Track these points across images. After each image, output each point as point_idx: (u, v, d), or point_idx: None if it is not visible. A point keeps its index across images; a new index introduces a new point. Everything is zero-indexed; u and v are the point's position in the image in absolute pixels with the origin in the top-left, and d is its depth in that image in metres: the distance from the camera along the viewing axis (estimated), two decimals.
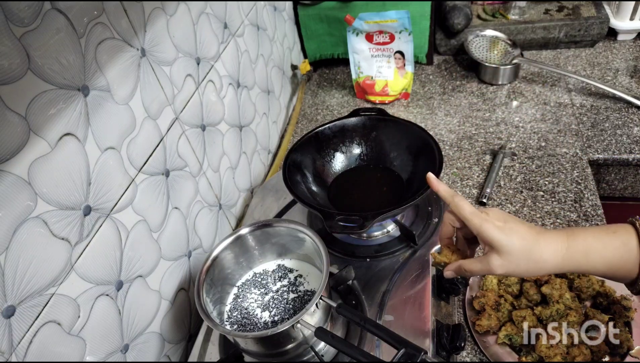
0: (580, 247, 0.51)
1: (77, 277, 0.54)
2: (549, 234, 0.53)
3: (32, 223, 0.48)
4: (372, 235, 0.80)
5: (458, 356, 0.72)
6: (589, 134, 1.04)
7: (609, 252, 0.50)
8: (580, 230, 0.53)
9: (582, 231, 0.52)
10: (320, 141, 0.87)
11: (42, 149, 0.49)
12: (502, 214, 0.54)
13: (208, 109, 0.84)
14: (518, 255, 0.51)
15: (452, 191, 0.58)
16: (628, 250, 0.50)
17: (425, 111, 1.20)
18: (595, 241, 0.51)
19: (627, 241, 0.50)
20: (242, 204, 1.00)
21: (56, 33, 0.50)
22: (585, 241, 0.51)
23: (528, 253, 0.51)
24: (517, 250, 0.51)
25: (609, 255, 0.50)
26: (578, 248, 0.51)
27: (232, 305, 0.70)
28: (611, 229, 0.51)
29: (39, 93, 0.48)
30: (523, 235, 0.51)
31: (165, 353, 0.73)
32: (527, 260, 0.51)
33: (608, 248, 0.50)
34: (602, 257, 0.51)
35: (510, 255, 0.51)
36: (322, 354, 0.64)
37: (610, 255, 0.50)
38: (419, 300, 0.69)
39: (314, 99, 1.33)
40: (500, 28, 1.28)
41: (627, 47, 1.28)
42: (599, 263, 0.51)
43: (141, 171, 0.66)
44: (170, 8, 0.72)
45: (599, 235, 0.51)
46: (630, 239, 0.50)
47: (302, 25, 1.33)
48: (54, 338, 0.51)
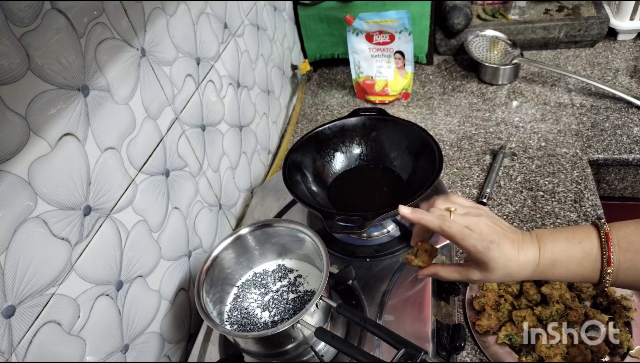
0: (548, 261, 0.54)
1: (77, 277, 0.54)
2: (526, 248, 0.54)
3: (32, 223, 0.48)
4: (372, 235, 0.80)
5: (458, 356, 0.72)
6: (589, 134, 1.04)
7: (572, 265, 0.54)
8: (551, 239, 0.55)
9: (552, 241, 0.54)
10: (320, 141, 0.87)
11: (42, 149, 0.49)
12: (491, 230, 0.54)
13: (208, 109, 0.84)
14: (499, 272, 0.54)
15: (437, 220, 0.56)
16: (591, 261, 0.53)
17: (425, 111, 1.20)
18: (561, 255, 0.54)
19: (589, 252, 0.53)
20: (242, 204, 1.00)
21: (56, 33, 0.50)
22: (553, 255, 0.54)
23: (507, 272, 0.54)
24: (499, 269, 0.54)
25: (572, 267, 0.54)
26: (546, 262, 0.54)
27: (232, 305, 0.70)
28: (577, 239, 0.54)
29: (39, 93, 0.48)
30: (508, 257, 0.53)
31: (165, 353, 0.73)
32: (504, 277, 0.55)
33: (572, 261, 0.54)
34: (566, 269, 0.54)
35: (491, 272, 0.54)
36: (322, 354, 0.64)
37: (574, 266, 0.54)
38: (419, 300, 0.69)
39: (314, 99, 1.33)
40: (500, 28, 1.28)
41: (627, 47, 1.28)
42: (563, 274, 0.54)
43: (141, 171, 0.66)
44: (170, 8, 0.72)
45: (564, 245, 0.54)
46: (592, 248, 0.53)
47: (302, 25, 1.33)
48: (54, 338, 0.51)
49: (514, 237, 0.55)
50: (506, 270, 0.54)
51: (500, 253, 0.53)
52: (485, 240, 0.53)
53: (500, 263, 0.53)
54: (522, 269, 0.54)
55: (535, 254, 0.54)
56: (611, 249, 0.51)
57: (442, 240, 0.77)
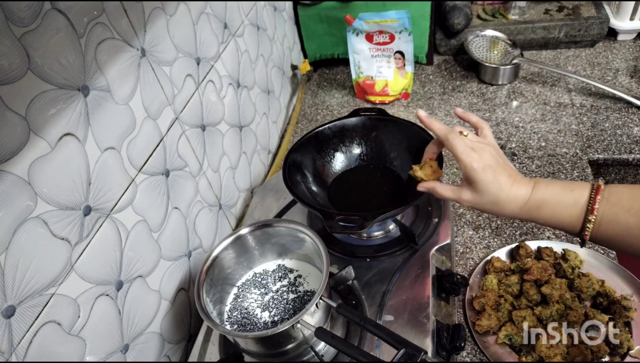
0: (537, 201, 0.56)
1: (77, 277, 0.54)
2: (520, 184, 0.57)
3: (32, 223, 0.48)
4: (372, 235, 0.80)
5: (458, 356, 0.72)
6: (589, 134, 1.04)
7: (559, 208, 0.55)
8: (546, 183, 0.57)
9: (546, 184, 0.57)
10: (320, 141, 0.87)
11: (42, 149, 0.49)
12: (493, 159, 0.57)
13: (208, 109, 0.84)
14: (488, 197, 0.57)
15: (446, 129, 0.60)
16: (577, 208, 0.54)
17: (425, 111, 1.20)
18: (551, 197, 0.56)
19: (578, 200, 0.54)
20: (242, 204, 1.00)
21: (56, 33, 0.50)
22: (543, 196, 0.56)
23: (496, 199, 0.57)
24: (489, 194, 0.57)
25: (558, 211, 0.55)
26: (535, 202, 0.56)
27: (232, 305, 0.70)
28: (570, 187, 0.56)
29: (39, 93, 0.48)
30: (501, 185, 0.57)
31: (165, 353, 0.73)
32: (492, 204, 0.58)
33: (559, 204, 0.55)
34: (552, 212, 0.56)
35: (481, 195, 0.57)
36: (322, 354, 0.64)
37: (559, 211, 0.55)
38: (419, 300, 0.69)
39: (314, 99, 1.33)
40: (500, 28, 1.28)
41: (627, 47, 1.28)
42: (548, 216, 0.56)
43: (141, 171, 0.66)
44: (170, 8, 0.72)
45: (557, 191, 0.56)
46: (581, 198, 0.54)
47: (302, 25, 1.33)
48: (54, 338, 0.51)
49: (511, 172, 0.58)
50: (495, 198, 0.57)
51: (494, 178, 0.56)
52: (483, 162, 0.56)
53: (491, 188, 0.56)
54: (511, 202, 0.56)
55: (527, 191, 0.56)
56: (597, 200, 0.53)
57: (442, 239, 0.77)
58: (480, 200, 0.58)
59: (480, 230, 0.89)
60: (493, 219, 0.91)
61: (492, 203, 0.57)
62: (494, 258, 0.81)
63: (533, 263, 0.77)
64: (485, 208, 0.59)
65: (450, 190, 0.61)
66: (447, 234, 0.78)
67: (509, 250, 0.84)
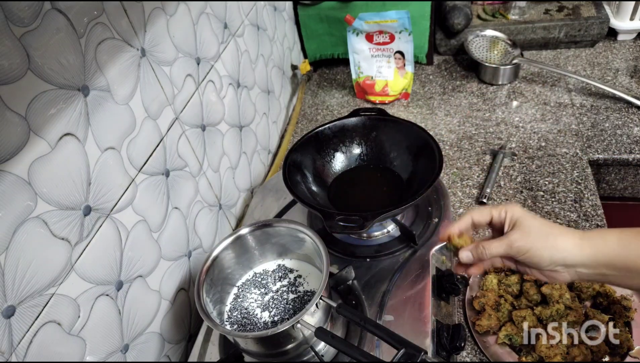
0: (596, 237, 0.52)
1: (77, 277, 0.54)
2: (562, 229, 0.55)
3: (32, 223, 0.48)
4: (372, 234, 0.80)
5: (458, 356, 0.72)
6: (589, 134, 1.04)
7: (624, 245, 0.51)
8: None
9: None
10: (320, 141, 0.87)
11: (42, 149, 0.49)
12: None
13: (208, 109, 0.84)
14: (537, 232, 0.54)
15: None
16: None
17: (425, 111, 1.20)
18: (612, 237, 0.52)
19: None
20: (242, 204, 1.00)
21: (56, 33, 0.50)
22: (601, 235, 0.53)
23: (546, 233, 0.53)
24: (536, 228, 0.54)
25: (624, 250, 0.51)
26: (592, 239, 0.52)
27: (232, 305, 0.70)
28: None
29: (39, 93, 0.48)
30: (541, 221, 0.55)
31: (165, 353, 0.73)
32: (544, 239, 0.53)
33: (624, 242, 0.51)
34: (621, 248, 0.51)
35: (529, 232, 0.54)
36: (322, 354, 0.64)
37: (627, 252, 0.50)
38: (419, 300, 0.69)
39: (314, 99, 1.33)
40: (500, 28, 1.28)
41: (627, 47, 1.28)
42: (616, 257, 0.51)
43: (141, 171, 0.66)
44: (170, 8, 0.72)
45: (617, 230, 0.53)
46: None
47: (302, 25, 1.33)
48: (54, 338, 0.51)
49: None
50: (544, 233, 0.54)
51: (536, 219, 0.55)
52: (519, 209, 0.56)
53: (536, 224, 0.54)
54: (560, 238, 0.53)
55: (575, 232, 0.54)
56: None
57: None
58: (530, 237, 0.54)
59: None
60: None
61: (544, 237, 0.53)
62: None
63: None
64: (537, 245, 0.53)
65: (497, 240, 0.56)
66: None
67: None
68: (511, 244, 0.54)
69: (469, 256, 0.58)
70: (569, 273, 0.54)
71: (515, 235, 0.54)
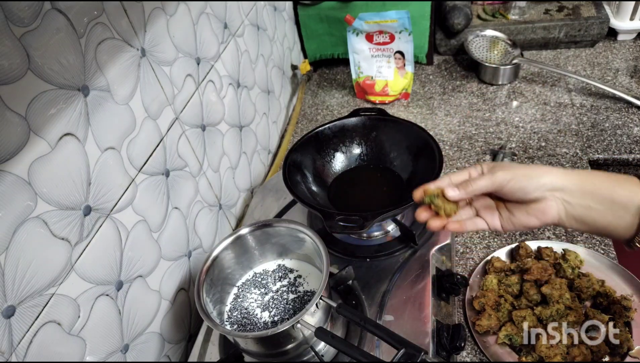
0: (581, 170, 0.53)
1: (77, 277, 0.54)
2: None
3: (32, 223, 0.48)
4: (372, 235, 0.80)
5: (458, 356, 0.72)
6: (589, 134, 1.04)
7: (609, 178, 0.51)
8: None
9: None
10: (320, 141, 0.87)
11: (42, 149, 0.49)
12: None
13: (208, 109, 0.84)
14: (518, 166, 0.54)
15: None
16: (633, 189, 0.49)
17: (425, 111, 1.20)
18: (597, 172, 0.53)
19: (634, 182, 0.50)
20: (242, 204, 1.00)
21: (56, 33, 0.50)
22: (586, 170, 0.54)
23: (528, 165, 0.54)
24: (515, 164, 0.56)
25: (611, 183, 0.50)
26: (577, 171, 0.53)
27: (232, 305, 0.70)
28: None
29: (39, 93, 0.48)
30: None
31: (165, 353, 0.73)
32: (527, 168, 0.53)
33: (609, 176, 0.51)
34: (606, 179, 0.51)
35: (510, 166, 0.54)
36: (322, 354, 0.64)
37: (612, 183, 0.51)
38: (419, 300, 0.69)
39: (314, 99, 1.33)
40: (500, 28, 1.28)
41: (627, 47, 1.28)
42: (601, 185, 0.51)
43: (141, 171, 0.66)
44: (170, 8, 0.72)
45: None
46: (636, 182, 0.49)
47: (302, 25, 1.33)
48: (54, 338, 0.51)
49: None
50: (527, 166, 0.54)
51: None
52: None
53: (519, 165, 0.54)
54: (543, 167, 0.53)
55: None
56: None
57: (442, 239, 0.77)
58: (513, 169, 0.53)
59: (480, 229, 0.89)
60: None
61: (526, 167, 0.53)
62: (494, 258, 0.81)
63: (533, 263, 0.77)
64: (520, 171, 0.52)
65: (482, 177, 0.54)
66: (447, 234, 0.78)
67: (509, 250, 0.84)
68: (494, 174, 0.53)
69: (455, 190, 0.55)
70: (556, 202, 0.52)
71: (497, 169, 0.54)
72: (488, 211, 0.57)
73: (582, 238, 0.85)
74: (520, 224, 0.55)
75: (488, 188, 0.54)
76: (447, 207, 0.55)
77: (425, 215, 0.57)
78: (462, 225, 0.57)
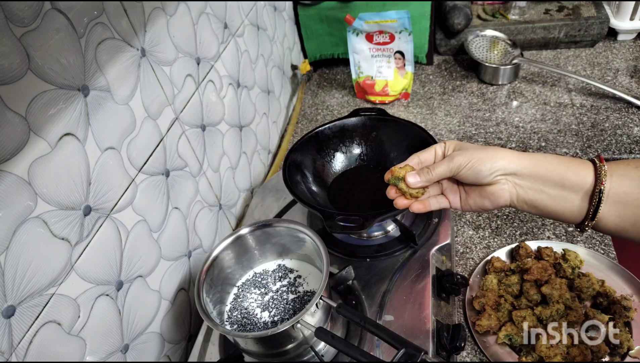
0: (536, 154, 0.53)
1: (77, 277, 0.54)
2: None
3: (32, 223, 0.48)
4: (372, 235, 0.80)
5: (458, 356, 0.72)
6: (589, 134, 1.04)
7: (562, 163, 0.51)
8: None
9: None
10: (320, 141, 0.87)
11: (42, 149, 0.49)
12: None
13: (208, 109, 0.84)
14: (476, 148, 0.54)
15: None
16: (584, 174, 0.50)
17: (425, 111, 1.20)
18: (551, 156, 0.53)
19: (587, 167, 0.51)
20: (242, 204, 1.00)
21: (56, 33, 0.50)
22: (542, 154, 0.53)
23: (485, 147, 0.54)
24: (474, 146, 0.55)
25: (562, 168, 0.51)
26: (532, 154, 0.53)
27: (232, 305, 0.70)
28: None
29: (39, 93, 0.48)
30: (480, 145, 0.56)
31: (165, 353, 0.73)
32: (484, 151, 0.53)
33: (562, 161, 0.52)
34: (558, 164, 0.51)
35: (468, 148, 0.54)
36: (322, 354, 0.64)
37: (564, 167, 0.51)
38: (419, 300, 0.69)
39: (314, 99, 1.33)
40: (500, 28, 1.28)
41: (627, 47, 1.28)
42: (553, 170, 0.51)
43: (141, 171, 0.66)
44: (170, 8, 0.72)
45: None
46: (589, 167, 0.50)
47: (302, 25, 1.33)
48: (54, 338, 0.51)
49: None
50: (482, 148, 0.54)
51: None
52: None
53: (475, 146, 0.55)
54: (499, 150, 0.53)
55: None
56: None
57: (442, 239, 0.77)
58: (470, 151, 0.54)
59: (480, 230, 0.89)
60: (493, 219, 0.91)
61: (483, 148, 0.54)
62: (494, 258, 0.81)
63: (533, 263, 0.77)
64: (476, 155, 0.53)
65: (441, 162, 0.56)
66: (447, 234, 0.78)
67: (509, 250, 0.84)
68: (452, 159, 0.54)
69: (416, 177, 0.56)
70: (508, 186, 0.53)
71: (456, 153, 0.55)
72: (451, 191, 0.58)
73: (582, 238, 0.85)
74: (475, 205, 0.56)
75: (446, 174, 0.55)
76: (412, 191, 0.56)
77: (393, 194, 0.59)
78: (426, 205, 0.58)
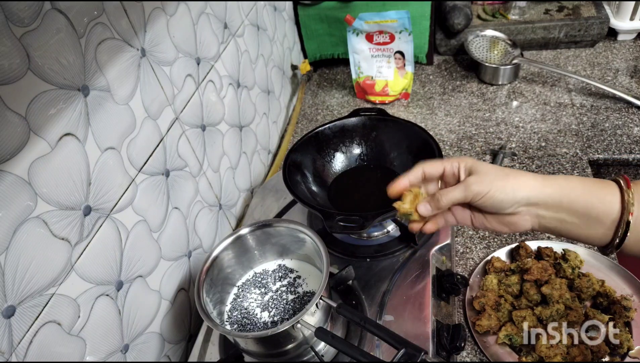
0: (558, 179, 0.51)
1: (77, 277, 0.54)
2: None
3: (32, 223, 0.48)
4: (372, 235, 0.80)
5: (458, 356, 0.72)
6: (589, 134, 1.04)
7: (587, 190, 0.49)
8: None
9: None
10: (320, 141, 0.87)
11: (42, 149, 0.49)
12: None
13: (208, 109, 0.84)
14: (495, 174, 0.51)
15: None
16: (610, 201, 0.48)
17: (425, 111, 1.20)
18: (575, 181, 0.51)
19: (613, 192, 0.48)
20: (242, 204, 1.00)
21: (56, 33, 0.50)
22: (564, 178, 0.52)
23: (505, 174, 0.51)
24: (493, 171, 0.52)
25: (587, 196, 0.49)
26: (555, 180, 0.51)
27: (232, 305, 0.70)
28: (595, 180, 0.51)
29: (39, 93, 0.48)
30: (497, 166, 0.53)
31: (165, 353, 0.73)
32: (504, 178, 0.51)
33: (587, 187, 0.50)
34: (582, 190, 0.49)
35: (487, 174, 0.51)
36: (322, 354, 0.64)
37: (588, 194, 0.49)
38: (419, 300, 0.69)
39: (314, 99, 1.33)
40: (500, 28, 1.28)
41: (627, 47, 1.28)
42: (577, 200, 0.49)
43: (141, 171, 0.66)
44: (170, 8, 0.72)
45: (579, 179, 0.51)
46: (615, 193, 0.48)
47: (302, 25, 1.33)
48: (54, 338, 0.51)
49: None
50: (501, 175, 0.51)
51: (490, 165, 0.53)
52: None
53: (492, 168, 0.52)
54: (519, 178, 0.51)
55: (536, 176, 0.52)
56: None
57: (442, 239, 0.77)
58: (487, 178, 0.51)
59: (480, 230, 0.89)
60: None
61: (501, 178, 0.50)
62: (494, 258, 0.81)
63: (533, 263, 0.77)
64: (495, 185, 0.50)
65: (455, 187, 0.53)
66: (447, 234, 0.78)
67: (509, 250, 0.84)
68: (468, 186, 0.51)
69: (427, 207, 0.54)
70: (530, 216, 0.51)
71: (472, 178, 0.52)
72: (460, 208, 0.56)
73: None
74: (491, 228, 0.55)
75: (460, 201, 0.53)
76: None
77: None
78: (436, 224, 0.57)
